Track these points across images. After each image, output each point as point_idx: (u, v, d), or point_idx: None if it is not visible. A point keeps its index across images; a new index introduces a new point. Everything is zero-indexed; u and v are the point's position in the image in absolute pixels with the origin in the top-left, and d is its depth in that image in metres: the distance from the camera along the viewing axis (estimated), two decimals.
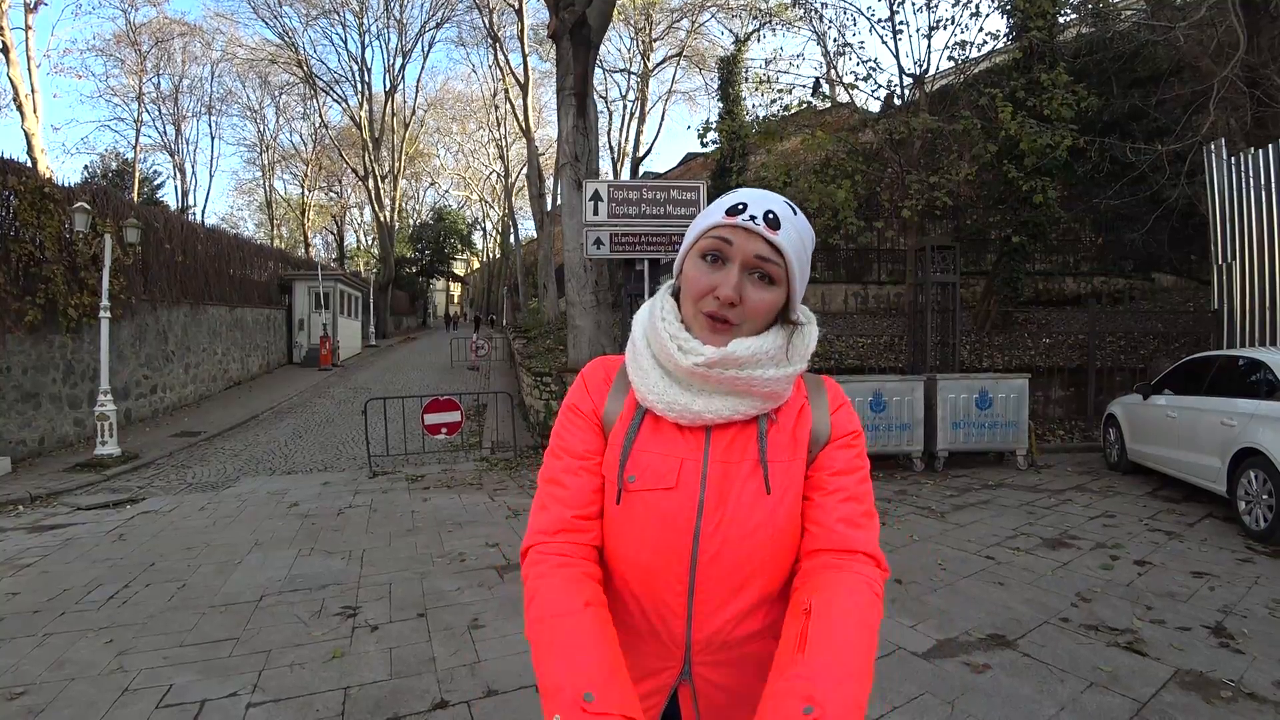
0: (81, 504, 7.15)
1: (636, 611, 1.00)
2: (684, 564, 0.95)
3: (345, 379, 18.75)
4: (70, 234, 9.80)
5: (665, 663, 0.99)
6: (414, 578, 4.54)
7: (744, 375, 0.95)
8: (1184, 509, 5.96)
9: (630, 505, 0.97)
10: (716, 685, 0.98)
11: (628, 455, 0.98)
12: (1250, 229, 8.73)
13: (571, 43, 9.11)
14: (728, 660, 0.98)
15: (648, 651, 1.00)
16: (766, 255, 0.93)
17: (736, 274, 0.93)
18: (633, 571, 0.98)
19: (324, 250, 48.84)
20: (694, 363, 0.95)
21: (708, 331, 0.96)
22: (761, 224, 0.93)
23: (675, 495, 0.95)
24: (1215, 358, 6.40)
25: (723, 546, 0.94)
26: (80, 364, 10.40)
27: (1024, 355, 11.14)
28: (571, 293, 9.53)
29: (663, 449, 0.97)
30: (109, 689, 3.04)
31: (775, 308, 0.97)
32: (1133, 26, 12.00)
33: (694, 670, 0.98)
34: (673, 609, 0.97)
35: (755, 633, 0.98)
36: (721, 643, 0.97)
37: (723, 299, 0.93)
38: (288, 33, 30.57)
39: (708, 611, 0.96)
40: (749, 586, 0.96)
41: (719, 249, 0.94)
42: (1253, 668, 3.05)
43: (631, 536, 0.97)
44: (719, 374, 0.95)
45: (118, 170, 33.10)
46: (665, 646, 0.99)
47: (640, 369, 1.02)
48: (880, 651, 3.21)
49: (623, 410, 1.03)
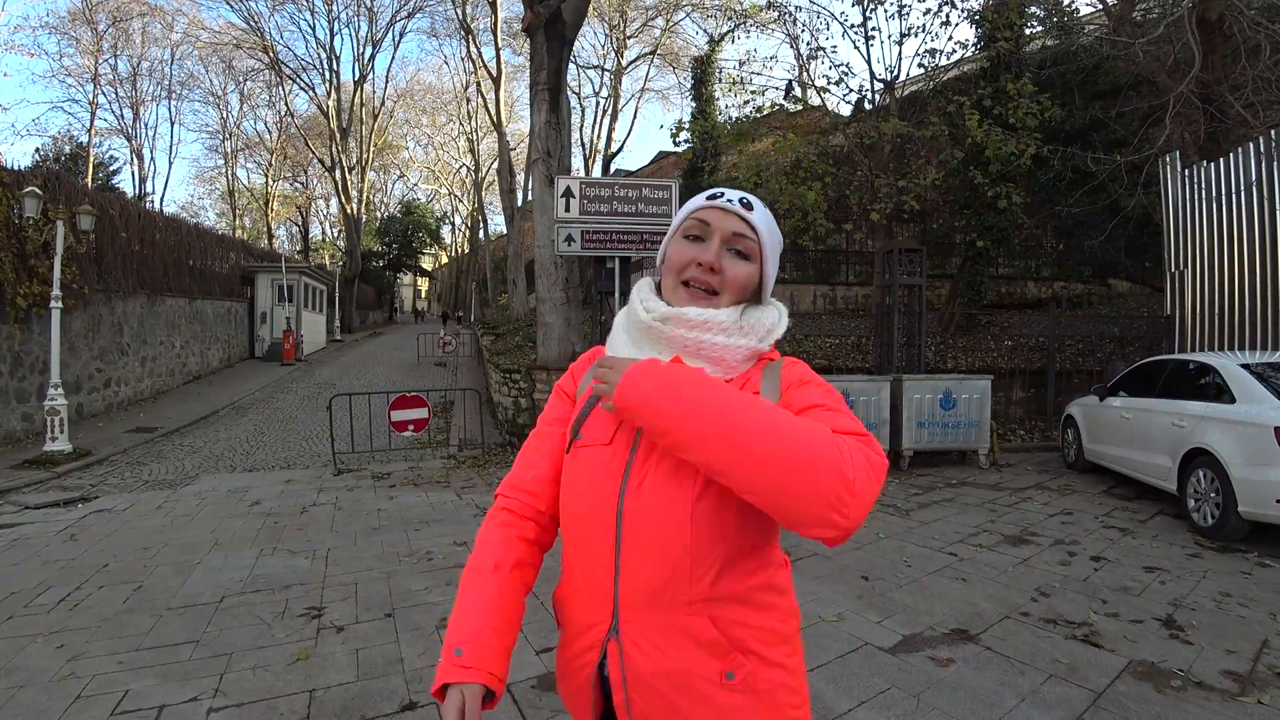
0: (30, 502, 6.87)
1: (576, 562, 1.06)
2: (610, 517, 0.99)
3: (309, 374, 18.35)
4: (20, 220, 9.40)
5: (598, 616, 1.02)
6: (380, 577, 4.47)
7: (692, 336, 1.02)
8: (1137, 507, 6.18)
9: (574, 459, 1.07)
10: (642, 651, 0.97)
11: (584, 417, 1.07)
12: (1201, 238, 9.08)
13: (546, 37, 9.05)
14: (655, 627, 0.97)
15: (584, 604, 1.04)
16: (743, 232, 1.05)
17: (717, 244, 1.05)
18: (572, 522, 1.06)
19: (288, 242, 47.86)
20: (650, 317, 1.05)
21: (687, 301, 1.06)
22: (738, 205, 1.06)
23: (608, 450, 1.02)
24: (1167, 361, 6.64)
25: (645, 503, 0.97)
26: (29, 356, 9.99)
27: (987, 357, 11.40)
28: (542, 289, 9.46)
29: (609, 414, 1.03)
30: (60, 696, 2.93)
31: (751, 280, 1.07)
32: (1095, 41, 12.36)
33: (621, 629, 0.98)
34: (602, 561, 1.00)
35: (685, 604, 0.95)
36: (646, 602, 0.96)
37: (704, 264, 1.04)
38: (253, 17, 29.80)
39: (631, 566, 0.97)
40: (671, 548, 0.95)
41: (699, 228, 1.06)
42: (1201, 658, 3.17)
43: (572, 488, 1.06)
44: (670, 330, 1.03)
45: (71, 154, 31.79)
46: (597, 599, 1.02)
47: (613, 340, 1.13)
48: (847, 647, 3.28)
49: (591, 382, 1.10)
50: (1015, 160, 10.43)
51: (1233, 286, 8.54)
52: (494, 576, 1.04)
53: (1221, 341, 8.75)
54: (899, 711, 2.73)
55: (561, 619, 1.12)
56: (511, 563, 1.07)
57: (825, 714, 2.71)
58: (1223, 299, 8.73)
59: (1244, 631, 3.47)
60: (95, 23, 29.29)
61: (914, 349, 9.64)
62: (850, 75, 11.89)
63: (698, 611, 0.96)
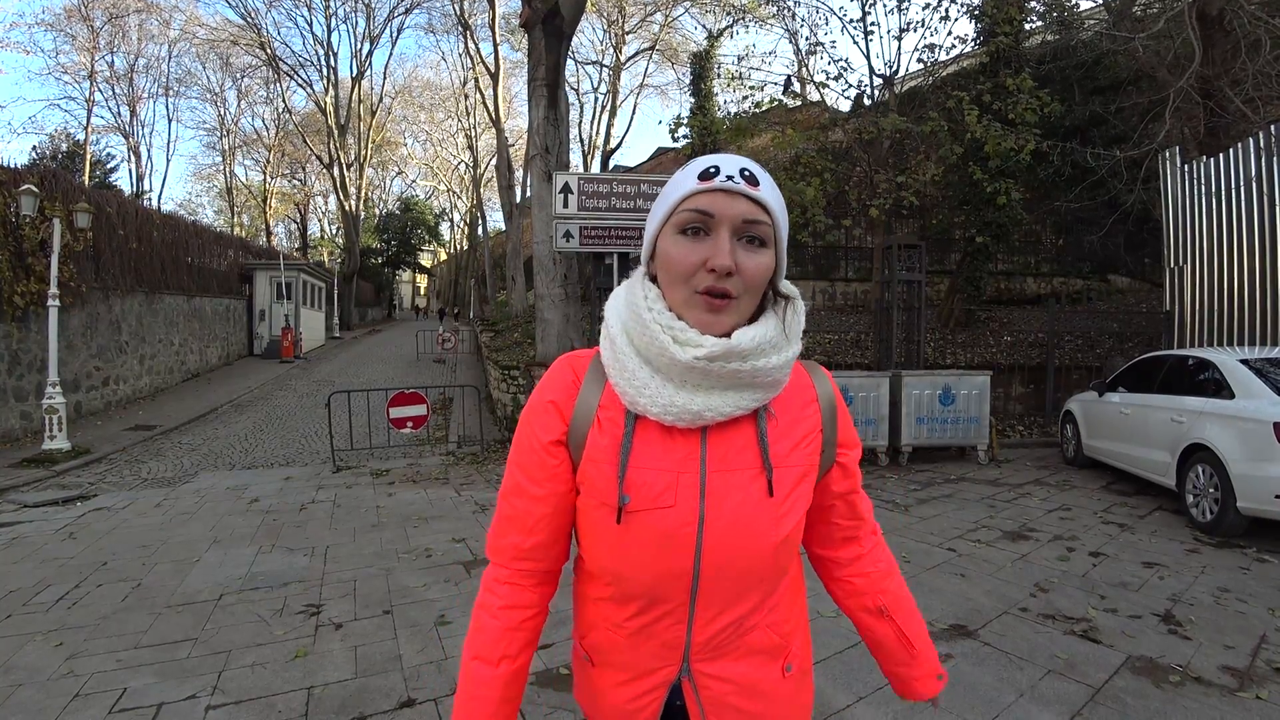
0: (29, 501, 6.87)
1: (634, 618, 0.96)
2: (685, 578, 0.90)
3: (308, 371, 18.34)
4: (16, 218, 9.38)
5: (663, 662, 0.97)
6: (379, 574, 4.47)
7: (748, 366, 0.86)
8: (1135, 502, 6.18)
9: (629, 525, 0.90)
10: (717, 678, 0.97)
11: (624, 473, 0.89)
12: (1201, 234, 9.06)
13: (544, 33, 9.01)
14: (726, 655, 0.96)
15: (645, 652, 0.97)
16: (754, 216, 0.85)
17: (727, 239, 0.84)
18: (632, 586, 0.93)
19: (286, 239, 47.72)
20: (694, 356, 0.85)
21: (704, 312, 0.86)
22: (742, 182, 0.84)
23: (674, 513, 0.88)
24: (1166, 357, 6.63)
25: (725, 558, 0.89)
26: (27, 354, 9.97)
27: (986, 353, 11.40)
28: (540, 286, 9.44)
29: (656, 463, 0.89)
30: (58, 694, 2.93)
31: (770, 271, 0.89)
32: (1095, 36, 12.33)
33: (693, 667, 0.96)
34: (674, 617, 0.93)
35: (754, 626, 0.96)
36: (720, 644, 0.96)
37: (719, 269, 0.84)
38: (250, 13, 29.71)
39: (708, 618, 0.93)
40: (753, 592, 0.94)
41: (699, 220, 0.85)
42: (1199, 653, 3.17)
43: (631, 556, 0.91)
44: (720, 368, 0.86)
45: (68, 152, 31.77)
46: (664, 649, 0.96)
47: (624, 369, 0.91)
48: (846, 644, 3.28)
49: (599, 412, 0.93)
50: (1014, 156, 10.41)
51: (1232, 282, 8.53)
52: (498, 673, 0.94)
53: (1221, 337, 8.74)
54: (897, 708, 2.73)
55: (602, 661, 1.01)
56: (518, 650, 0.97)
57: (825, 710, 2.70)
58: (1222, 295, 8.72)
59: (1242, 627, 3.48)
60: (91, 19, 29.24)
61: (913, 345, 9.64)
62: (849, 70, 11.85)
63: (761, 627, 0.97)
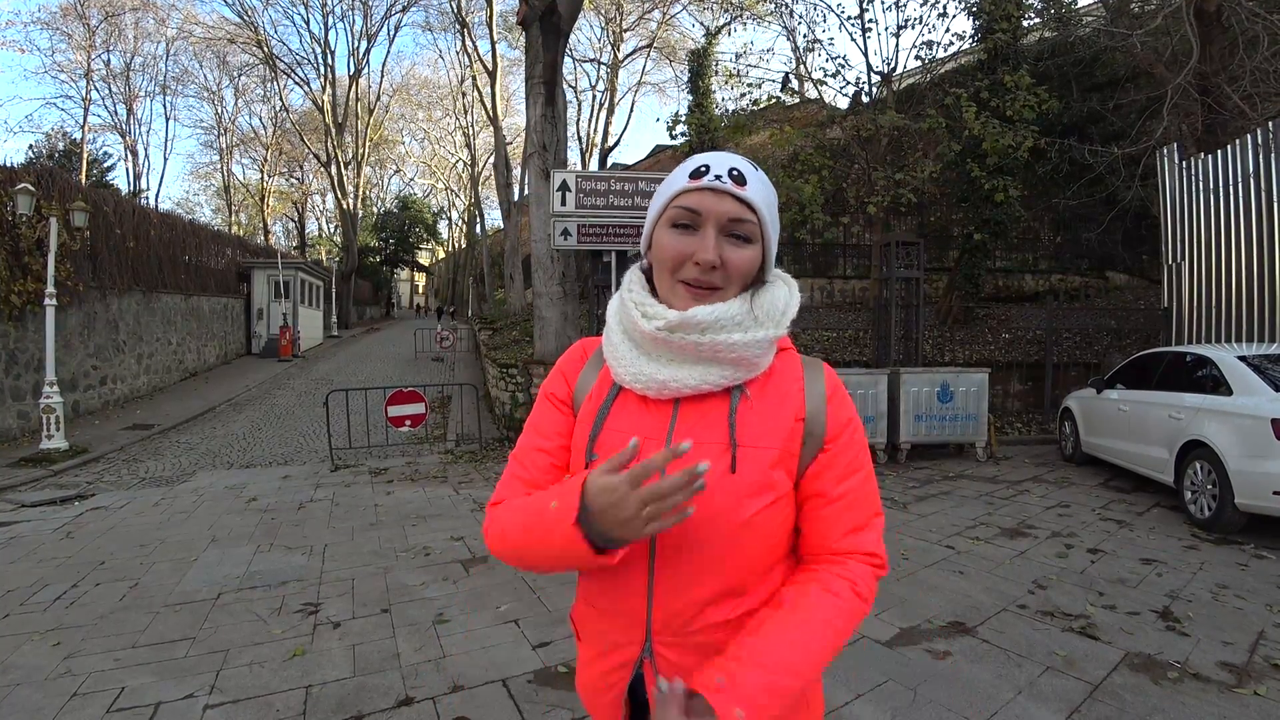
0: (26, 500, 6.85)
1: (600, 589, 1.01)
2: (642, 545, 0.92)
3: (306, 370, 18.31)
4: (13, 217, 9.34)
5: (629, 637, 0.98)
6: (377, 573, 4.46)
7: (707, 340, 0.92)
8: (1134, 499, 6.19)
9: None
10: (678, 666, 0.95)
11: (596, 434, 0.97)
12: (1199, 231, 9.06)
13: (541, 30, 8.98)
14: (690, 644, 0.95)
15: (613, 626, 1.00)
16: (739, 214, 0.92)
17: (712, 236, 0.92)
18: None
19: (284, 238, 47.65)
20: (655, 327, 0.94)
21: (688, 300, 0.94)
22: (728, 182, 0.91)
23: None
24: (1164, 354, 6.64)
25: (679, 529, 0.87)
26: (24, 354, 9.95)
27: (984, 350, 11.41)
28: (538, 284, 9.43)
29: (626, 426, 0.96)
30: (56, 694, 2.92)
31: (755, 262, 0.95)
32: (1093, 32, 12.33)
33: (655, 649, 0.96)
34: (633, 588, 0.95)
35: (721, 623, 0.94)
36: (681, 626, 0.95)
37: (703, 263, 0.92)
38: (247, 11, 29.51)
39: (667, 592, 0.94)
40: (711, 573, 0.93)
41: (688, 217, 0.93)
42: (1197, 650, 3.18)
43: None
44: (681, 339, 0.93)
45: (65, 151, 31.69)
46: (628, 623, 0.98)
47: (611, 344, 1.02)
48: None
49: (594, 387, 1.03)
50: (1012, 153, 10.41)
51: (1230, 279, 8.53)
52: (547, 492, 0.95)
53: (1219, 334, 8.74)
54: (896, 704, 2.73)
55: (582, 633, 1.07)
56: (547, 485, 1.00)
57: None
58: (1220, 291, 8.72)
59: (1240, 623, 3.48)
60: (87, 18, 29.16)
61: (911, 342, 9.63)
62: (847, 68, 11.83)
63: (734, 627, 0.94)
